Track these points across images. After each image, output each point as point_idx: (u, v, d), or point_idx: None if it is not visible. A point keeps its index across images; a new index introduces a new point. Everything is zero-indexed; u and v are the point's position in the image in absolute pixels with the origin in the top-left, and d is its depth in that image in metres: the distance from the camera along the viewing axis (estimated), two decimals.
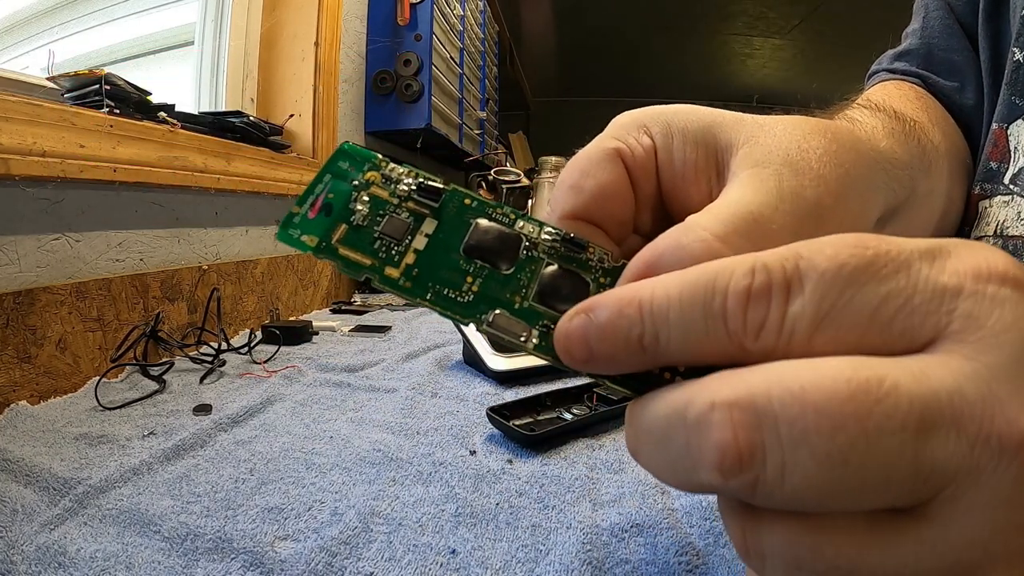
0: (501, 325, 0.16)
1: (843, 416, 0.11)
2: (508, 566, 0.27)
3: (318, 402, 0.50)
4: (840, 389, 0.11)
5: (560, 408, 0.46)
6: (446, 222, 0.18)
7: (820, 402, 0.11)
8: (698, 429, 0.12)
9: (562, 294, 0.17)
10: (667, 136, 0.20)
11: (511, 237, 0.18)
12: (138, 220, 0.64)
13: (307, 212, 0.17)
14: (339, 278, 1.12)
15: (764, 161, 0.18)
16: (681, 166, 0.19)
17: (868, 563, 0.11)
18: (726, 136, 0.19)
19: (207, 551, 0.28)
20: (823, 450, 0.11)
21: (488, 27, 2.15)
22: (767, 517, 0.12)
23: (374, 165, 0.18)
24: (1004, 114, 0.35)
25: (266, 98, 1.09)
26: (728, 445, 0.11)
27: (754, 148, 0.18)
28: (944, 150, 0.33)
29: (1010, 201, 0.34)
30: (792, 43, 4.09)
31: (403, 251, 0.17)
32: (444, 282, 0.17)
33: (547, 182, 1.49)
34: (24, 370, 0.48)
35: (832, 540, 0.12)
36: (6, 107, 0.49)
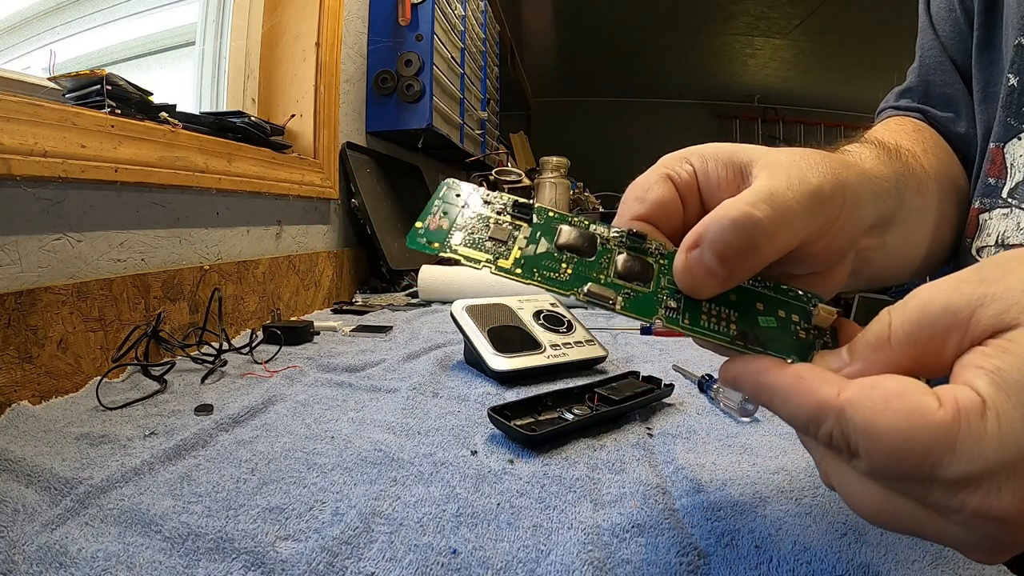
0: (595, 292, 0.22)
1: (870, 520, 0.19)
2: (509, 566, 0.27)
3: (319, 402, 0.50)
4: (876, 504, 0.19)
5: (561, 408, 0.46)
6: (538, 227, 0.24)
7: None
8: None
9: (634, 272, 0.23)
10: (703, 162, 0.26)
11: (590, 235, 0.24)
12: (139, 220, 0.64)
13: (428, 224, 0.24)
14: (340, 279, 1.12)
15: (775, 164, 0.24)
16: (716, 181, 0.25)
17: None
18: (747, 156, 0.25)
19: (208, 551, 0.28)
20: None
21: (489, 27, 2.15)
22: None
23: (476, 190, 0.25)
24: (1000, 134, 0.39)
25: (267, 98, 1.09)
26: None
27: (768, 159, 0.24)
28: (935, 172, 0.38)
29: (1009, 213, 0.38)
30: (793, 43, 4.08)
31: (510, 248, 0.23)
32: (546, 268, 0.23)
33: (548, 182, 1.49)
34: (25, 370, 0.48)
35: None
36: (7, 107, 0.49)
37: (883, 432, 0.17)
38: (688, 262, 0.22)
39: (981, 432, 0.16)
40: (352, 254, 1.18)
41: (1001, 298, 0.17)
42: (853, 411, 0.17)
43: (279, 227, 0.94)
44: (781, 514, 0.31)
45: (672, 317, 0.22)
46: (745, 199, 0.22)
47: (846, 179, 0.24)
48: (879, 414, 0.17)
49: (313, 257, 1.01)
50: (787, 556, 0.27)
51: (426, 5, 1.32)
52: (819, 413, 0.18)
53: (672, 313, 0.22)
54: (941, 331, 0.18)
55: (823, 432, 0.18)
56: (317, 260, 1.02)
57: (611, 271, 0.23)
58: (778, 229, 0.22)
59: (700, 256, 0.22)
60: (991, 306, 0.17)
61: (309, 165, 1.04)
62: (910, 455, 0.16)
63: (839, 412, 0.18)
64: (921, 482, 0.17)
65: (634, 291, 0.23)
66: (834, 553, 0.27)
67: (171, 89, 0.95)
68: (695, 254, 0.22)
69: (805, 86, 4.82)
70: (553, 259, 0.23)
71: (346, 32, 1.19)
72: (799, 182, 0.23)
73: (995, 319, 0.17)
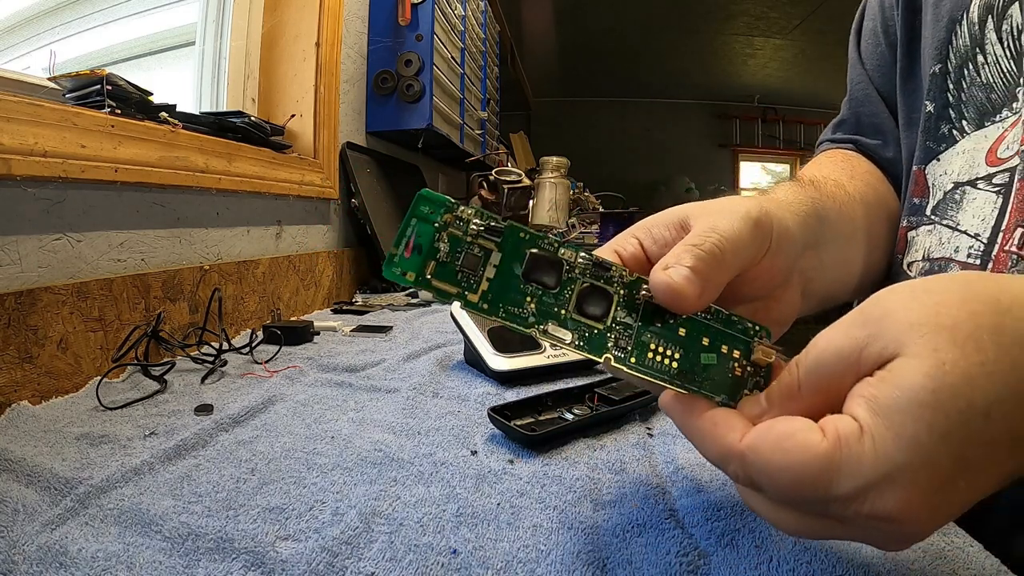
0: (551, 333, 0.24)
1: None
2: (509, 566, 0.27)
3: (319, 402, 0.50)
4: (791, 522, 0.22)
5: (561, 408, 0.46)
6: (508, 254, 0.24)
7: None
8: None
9: (593, 303, 0.24)
10: (647, 232, 0.29)
11: (556, 262, 0.24)
12: (139, 220, 0.64)
13: (403, 252, 0.23)
14: (340, 278, 1.12)
15: (709, 210, 0.28)
16: (663, 241, 0.28)
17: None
18: (684, 212, 0.28)
19: (208, 551, 0.28)
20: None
21: (489, 27, 2.15)
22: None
23: (448, 208, 0.24)
24: (921, 157, 0.43)
25: (267, 98, 1.09)
26: None
27: (701, 209, 0.28)
28: (861, 196, 0.43)
29: (933, 229, 0.41)
30: (793, 43, 4.08)
31: (479, 279, 0.24)
32: (511, 302, 0.24)
33: (548, 182, 1.49)
34: (25, 370, 0.48)
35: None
36: (8, 107, 0.49)
37: (777, 470, 0.20)
38: (668, 276, 0.24)
39: (860, 453, 0.18)
40: (352, 254, 1.18)
41: (881, 335, 0.20)
42: (752, 455, 0.21)
43: (279, 227, 0.94)
44: None
45: (619, 357, 0.24)
46: (692, 236, 0.26)
47: (768, 208, 0.28)
48: (772, 455, 0.20)
49: (313, 257, 1.01)
50: (787, 556, 0.27)
51: (426, 5, 1.32)
52: (725, 457, 0.22)
53: (620, 352, 0.24)
54: (839, 374, 0.21)
55: (730, 472, 0.22)
56: (317, 260, 1.02)
57: (571, 305, 0.25)
58: (725, 249, 0.25)
59: (677, 271, 0.24)
60: (874, 345, 0.20)
61: (309, 165, 1.04)
62: (803, 484, 0.19)
63: (741, 456, 0.21)
64: (818, 503, 0.20)
65: (589, 328, 0.24)
66: (834, 553, 0.27)
67: (171, 89, 0.95)
68: (672, 270, 0.24)
69: (805, 86, 4.82)
70: (519, 291, 0.24)
71: (346, 32, 1.19)
72: (730, 213, 0.27)
73: (878, 355, 0.20)
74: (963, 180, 0.39)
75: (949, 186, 0.40)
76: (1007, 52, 0.37)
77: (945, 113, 0.41)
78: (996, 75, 0.38)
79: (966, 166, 0.39)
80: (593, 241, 2.03)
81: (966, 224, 0.39)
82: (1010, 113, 0.37)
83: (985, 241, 0.37)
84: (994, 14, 0.38)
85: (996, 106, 0.38)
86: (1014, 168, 0.36)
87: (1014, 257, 0.34)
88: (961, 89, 0.40)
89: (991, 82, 0.38)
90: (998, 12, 0.37)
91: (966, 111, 0.40)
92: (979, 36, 0.39)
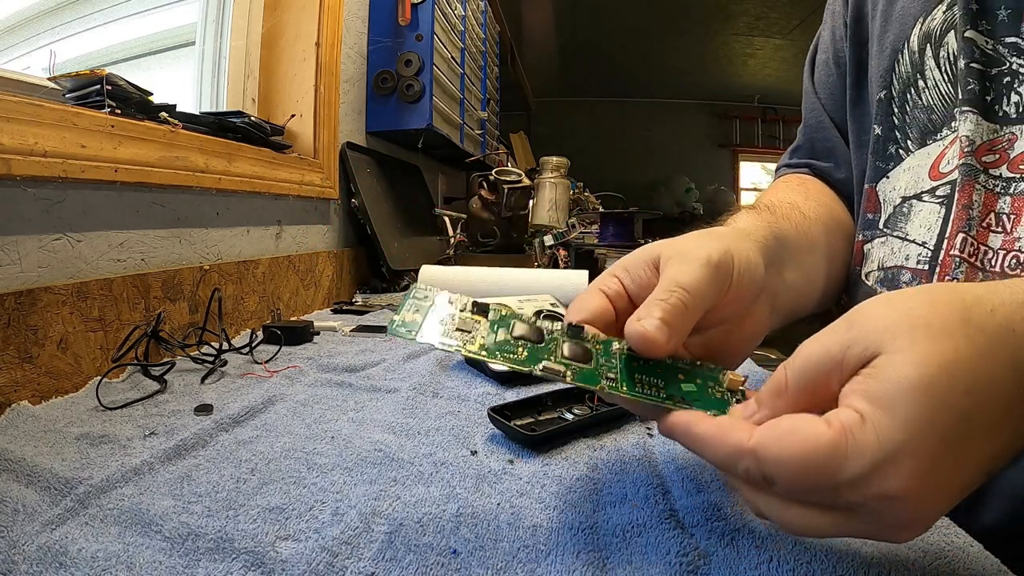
0: (549, 368, 0.27)
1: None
2: (509, 566, 0.27)
3: (319, 402, 0.50)
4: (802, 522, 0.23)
5: (561, 408, 0.46)
6: (494, 322, 0.29)
7: None
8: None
9: (577, 355, 0.28)
10: (626, 272, 0.33)
11: (538, 329, 0.29)
12: (139, 220, 0.64)
13: (404, 318, 0.28)
14: (340, 279, 1.12)
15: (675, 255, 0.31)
16: (640, 280, 0.32)
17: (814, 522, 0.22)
18: (656, 253, 0.32)
19: (208, 551, 0.28)
20: None
21: (489, 27, 2.15)
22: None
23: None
24: (871, 176, 0.47)
25: (267, 98, 1.09)
26: None
27: (669, 251, 0.31)
28: (817, 215, 0.46)
29: (885, 241, 0.45)
30: (793, 43, 4.08)
31: (475, 338, 0.28)
32: (506, 351, 0.28)
33: (548, 182, 1.49)
34: (25, 370, 0.48)
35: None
36: (7, 107, 0.49)
37: (788, 459, 0.21)
38: (641, 326, 0.27)
39: (863, 438, 0.20)
40: (352, 254, 1.18)
41: (864, 337, 0.22)
42: (763, 450, 0.22)
43: (279, 227, 0.94)
44: None
45: (612, 386, 0.27)
46: (660, 290, 0.29)
47: (729, 246, 0.31)
48: (782, 447, 0.21)
49: (313, 257, 1.01)
50: (787, 556, 0.27)
51: (426, 5, 1.32)
52: (736, 455, 0.23)
53: (611, 383, 0.27)
54: (824, 374, 0.23)
55: (741, 469, 0.23)
56: (317, 260, 1.02)
57: (558, 353, 0.28)
58: (688, 301, 0.28)
59: (649, 321, 0.27)
60: (857, 345, 0.22)
61: (309, 165, 1.04)
62: (814, 470, 0.21)
63: (752, 452, 0.22)
64: (829, 490, 0.21)
65: (579, 367, 0.28)
66: (834, 553, 0.27)
67: (171, 89, 0.95)
68: (645, 321, 0.28)
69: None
70: (511, 344, 0.28)
71: (346, 32, 1.19)
72: (693, 260, 0.30)
73: (861, 354, 0.22)
74: (910, 194, 0.43)
75: (898, 200, 0.44)
76: (944, 76, 0.41)
77: (891, 135, 0.45)
78: (936, 98, 0.42)
79: (912, 181, 0.43)
80: (593, 241, 2.03)
81: (914, 234, 0.42)
82: (949, 132, 0.41)
83: (932, 248, 0.41)
84: (932, 42, 0.42)
85: (936, 126, 0.42)
86: (954, 181, 0.39)
87: (957, 260, 0.38)
88: (905, 112, 0.44)
89: (931, 104, 0.42)
90: (936, 40, 0.41)
91: (910, 132, 0.44)
92: (919, 63, 0.43)
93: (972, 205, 0.38)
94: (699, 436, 0.24)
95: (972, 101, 0.38)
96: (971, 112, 0.38)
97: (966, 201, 0.38)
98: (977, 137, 0.38)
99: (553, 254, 1.37)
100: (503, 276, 0.99)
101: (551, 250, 1.35)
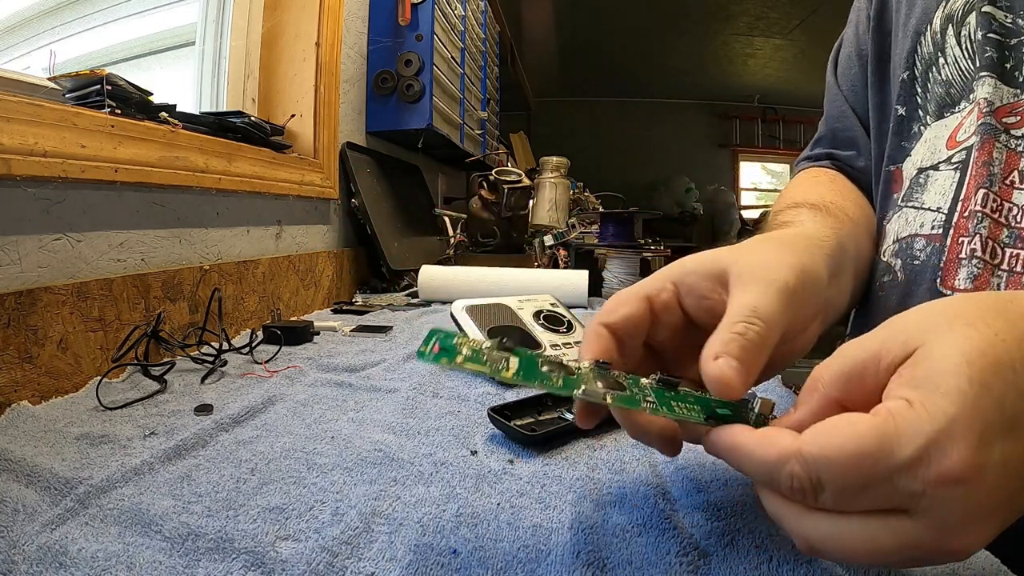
0: (591, 391, 0.26)
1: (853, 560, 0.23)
2: (509, 566, 0.27)
3: (319, 402, 0.50)
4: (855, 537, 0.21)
5: (561, 408, 0.45)
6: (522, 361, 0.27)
7: None
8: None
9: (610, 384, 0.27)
10: (683, 280, 0.30)
11: (567, 366, 0.27)
12: (139, 220, 0.64)
13: (432, 348, 0.26)
14: (340, 279, 1.12)
15: (747, 274, 0.28)
16: (699, 292, 0.30)
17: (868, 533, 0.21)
18: (722, 265, 0.29)
19: (208, 551, 0.28)
20: None
21: (489, 27, 2.15)
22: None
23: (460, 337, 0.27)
24: (896, 156, 0.47)
25: (267, 98, 1.09)
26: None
27: (738, 266, 0.29)
28: (854, 215, 0.46)
29: (900, 214, 0.45)
30: (793, 43, 4.08)
31: (506, 366, 0.26)
32: (541, 378, 0.26)
33: (548, 182, 1.49)
34: (25, 370, 0.48)
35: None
36: (7, 107, 0.49)
37: (837, 452, 0.20)
38: (719, 368, 0.26)
39: (914, 416, 0.20)
40: (352, 254, 1.18)
41: (902, 332, 0.22)
42: (809, 448, 0.21)
43: (279, 227, 0.94)
44: None
45: (654, 408, 0.26)
46: (735, 319, 0.27)
47: (802, 260, 0.30)
48: (830, 440, 0.21)
49: (313, 257, 1.01)
50: (787, 556, 0.27)
51: (426, 5, 1.32)
52: (783, 458, 0.22)
53: (652, 406, 0.27)
54: (860, 367, 0.23)
55: (786, 473, 0.21)
56: (317, 260, 1.02)
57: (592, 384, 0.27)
58: (766, 336, 0.26)
59: (727, 363, 0.25)
60: (894, 340, 0.22)
61: (309, 165, 1.04)
62: (865, 460, 0.20)
63: (798, 453, 0.21)
64: (884, 481, 0.20)
65: (618, 393, 0.27)
66: None
67: (171, 89, 0.95)
68: (722, 362, 0.26)
69: (805, 86, 4.81)
70: (544, 374, 0.27)
71: (346, 32, 1.19)
72: (769, 284, 0.28)
73: (901, 349, 0.22)
74: (926, 165, 0.43)
75: (914, 173, 0.44)
76: (964, 52, 0.41)
77: (915, 114, 0.45)
78: (955, 73, 0.42)
79: (928, 153, 0.43)
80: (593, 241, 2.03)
81: (929, 202, 0.42)
82: (967, 103, 0.41)
83: (946, 212, 0.40)
84: (954, 22, 0.42)
85: (955, 99, 0.42)
86: (970, 147, 0.39)
87: (979, 215, 0.37)
88: (926, 90, 0.44)
89: (950, 79, 0.42)
90: (957, 20, 0.42)
91: (929, 107, 0.44)
92: (940, 42, 0.43)
93: (993, 162, 0.37)
94: (743, 445, 0.23)
95: (991, 67, 0.38)
96: (990, 76, 0.38)
97: (986, 158, 0.38)
98: (996, 99, 0.38)
99: (553, 254, 1.37)
100: (503, 276, 0.99)
101: (551, 250, 1.36)
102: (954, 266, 0.38)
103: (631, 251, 1.90)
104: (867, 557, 0.21)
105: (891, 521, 0.20)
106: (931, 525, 0.20)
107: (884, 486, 0.20)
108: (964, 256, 0.38)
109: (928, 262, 0.41)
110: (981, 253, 0.37)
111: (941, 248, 0.40)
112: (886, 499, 0.20)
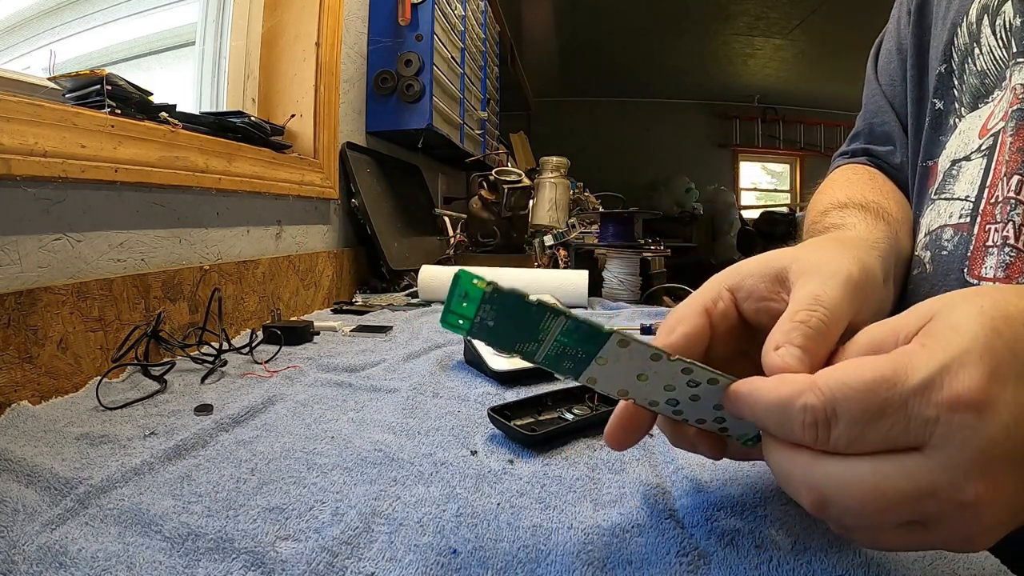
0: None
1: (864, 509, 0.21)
2: (509, 566, 0.27)
3: (319, 402, 0.50)
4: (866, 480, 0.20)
5: (561, 408, 0.46)
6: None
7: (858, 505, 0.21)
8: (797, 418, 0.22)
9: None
10: (740, 287, 0.29)
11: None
12: (139, 220, 0.64)
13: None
14: (340, 279, 1.12)
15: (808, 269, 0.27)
16: (758, 295, 0.29)
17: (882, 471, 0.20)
18: (780, 264, 0.29)
19: (208, 551, 0.28)
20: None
21: (489, 27, 2.15)
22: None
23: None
24: (932, 151, 0.46)
25: (267, 98, 1.09)
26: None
27: (799, 264, 0.28)
28: (899, 217, 0.45)
29: (933, 207, 0.44)
30: (793, 43, 4.08)
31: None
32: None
33: (548, 182, 1.49)
34: (25, 370, 0.48)
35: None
36: (7, 107, 0.49)
37: (853, 376, 0.20)
38: (781, 358, 0.24)
39: (927, 351, 0.20)
40: (352, 254, 1.18)
41: (920, 309, 0.23)
42: (823, 378, 0.21)
43: (279, 227, 0.94)
44: (781, 514, 0.31)
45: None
46: (799, 308, 0.25)
47: (866, 262, 0.29)
48: (844, 369, 0.21)
49: (313, 257, 1.01)
50: (787, 556, 0.27)
51: (426, 5, 1.33)
52: (797, 392, 0.22)
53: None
54: (879, 342, 0.23)
55: (799, 406, 0.21)
56: (317, 260, 1.02)
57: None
58: (831, 324, 0.25)
59: (789, 352, 0.24)
60: (913, 315, 0.23)
61: (309, 165, 1.04)
62: (880, 383, 0.20)
63: (813, 384, 0.21)
64: (898, 406, 0.20)
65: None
66: (834, 553, 0.27)
67: (171, 89, 0.95)
68: (784, 351, 0.24)
69: (805, 86, 4.82)
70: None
71: (346, 32, 1.19)
72: (832, 276, 0.27)
73: (917, 321, 0.22)
74: (959, 157, 0.43)
75: (948, 165, 0.44)
76: (999, 42, 0.41)
77: (951, 107, 0.45)
78: (989, 62, 0.42)
79: (961, 144, 0.43)
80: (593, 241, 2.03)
81: (959, 192, 0.41)
82: (1000, 92, 0.41)
83: (973, 200, 0.40)
84: (989, 13, 0.42)
85: (989, 89, 0.42)
86: (997, 132, 0.39)
87: (1013, 202, 0.36)
88: (962, 82, 0.44)
89: (985, 69, 0.42)
90: (992, 11, 0.42)
91: (964, 99, 0.44)
92: (976, 33, 0.43)
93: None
94: (759, 388, 0.23)
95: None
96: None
97: (1021, 144, 0.36)
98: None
99: (553, 254, 1.37)
100: (503, 276, 0.99)
101: (551, 250, 1.36)
102: (981, 254, 0.38)
103: (631, 251, 1.90)
104: (879, 505, 0.20)
105: (904, 460, 0.20)
106: (945, 463, 0.19)
107: (898, 414, 0.20)
108: (991, 244, 0.37)
109: (956, 252, 0.40)
110: (1015, 241, 0.36)
111: (969, 237, 0.39)
112: (900, 431, 0.20)
